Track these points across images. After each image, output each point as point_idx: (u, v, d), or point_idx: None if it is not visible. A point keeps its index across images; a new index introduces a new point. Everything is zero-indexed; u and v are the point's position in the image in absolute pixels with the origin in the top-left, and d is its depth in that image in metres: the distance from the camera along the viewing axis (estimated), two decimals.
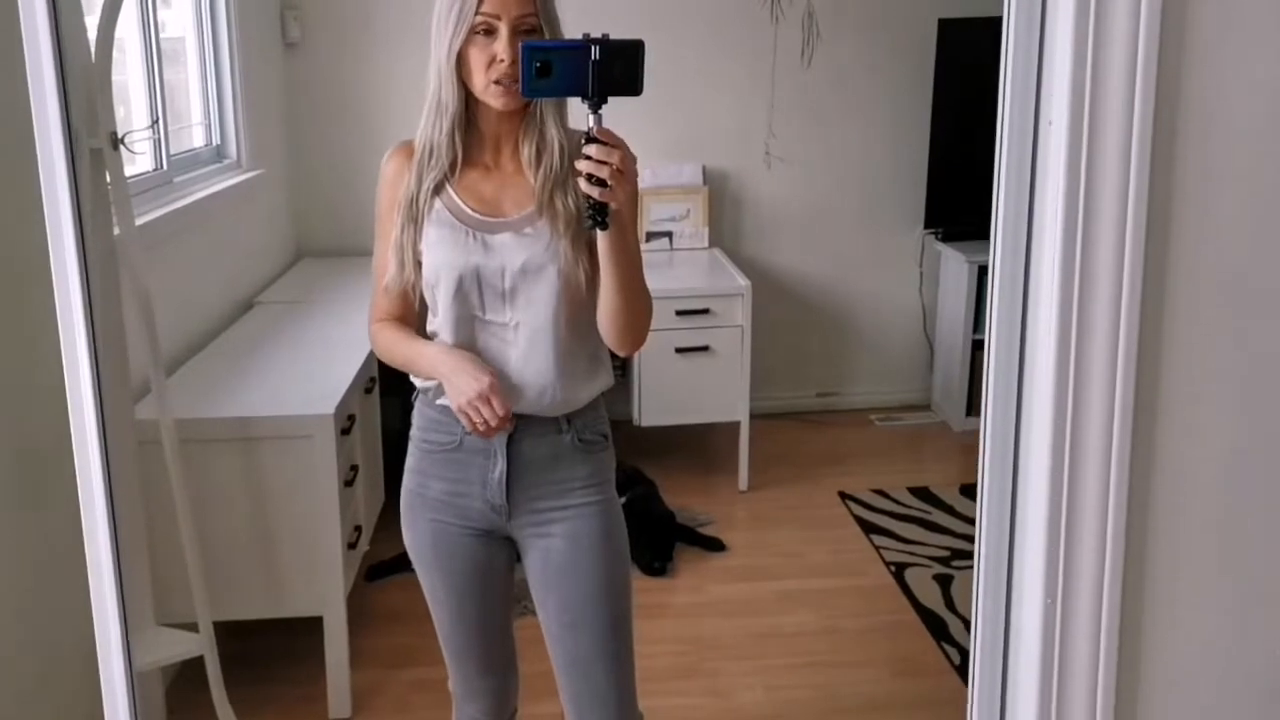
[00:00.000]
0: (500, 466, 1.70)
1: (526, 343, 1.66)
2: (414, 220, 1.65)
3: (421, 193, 1.65)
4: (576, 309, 1.67)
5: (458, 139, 1.63)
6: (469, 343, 1.69)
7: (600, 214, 1.49)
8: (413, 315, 1.75)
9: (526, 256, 1.63)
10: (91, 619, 1.70)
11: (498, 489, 1.71)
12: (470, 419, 1.63)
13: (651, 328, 1.71)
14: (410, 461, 1.80)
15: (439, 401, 1.72)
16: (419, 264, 1.67)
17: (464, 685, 1.88)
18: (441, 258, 1.64)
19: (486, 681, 1.87)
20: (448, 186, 1.66)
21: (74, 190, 1.49)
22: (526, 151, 1.64)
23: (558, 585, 1.74)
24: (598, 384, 1.74)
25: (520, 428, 1.69)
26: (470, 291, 1.65)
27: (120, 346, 2.15)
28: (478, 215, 1.65)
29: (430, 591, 1.83)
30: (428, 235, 1.65)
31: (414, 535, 1.80)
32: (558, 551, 1.73)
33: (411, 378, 1.78)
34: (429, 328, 1.74)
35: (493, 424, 1.62)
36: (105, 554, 1.68)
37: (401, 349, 1.74)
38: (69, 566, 2.00)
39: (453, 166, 1.65)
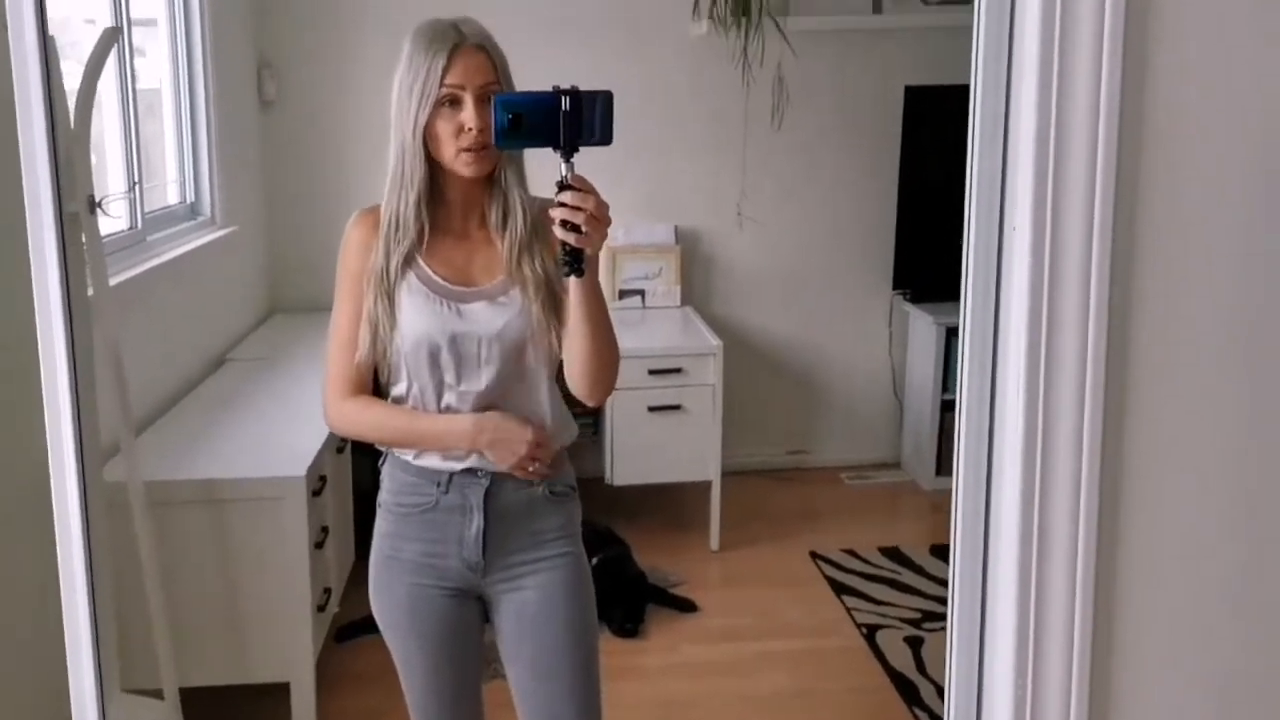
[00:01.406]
0: (477, 523, 1.71)
1: (502, 408, 1.69)
2: (387, 294, 1.67)
3: (391, 266, 1.67)
4: (548, 371, 1.72)
5: (424, 211, 1.66)
6: (437, 413, 1.71)
7: (576, 260, 1.51)
8: (371, 386, 1.75)
9: (502, 324, 1.67)
10: (52, 678, 1.68)
11: (474, 546, 1.72)
12: (525, 470, 1.70)
13: (624, 386, 1.74)
14: (382, 526, 1.79)
15: (417, 462, 1.72)
16: (392, 333, 1.68)
17: None
18: (418, 327, 1.66)
19: None
20: (418, 257, 1.68)
21: (62, 258, 1.50)
22: (493, 217, 1.68)
23: (532, 636, 1.75)
24: (566, 437, 1.78)
25: (495, 484, 1.71)
26: (445, 360, 1.67)
27: (91, 409, 2.13)
28: (449, 285, 1.68)
29: (404, 658, 1.81)
30: (401, 305, 1.67)
31: (388, 601, 1.79)
32: (531, 603, 1.75)
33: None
34: (393, 396, 1.74)
35: (544, 467, 1.71)
36: (84, 623, 1.67)
37: (402, 423, 1.72)
38: (35, 627, 1.97)
39: (420, 237, 1.67)
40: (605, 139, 1.48)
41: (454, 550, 1.73)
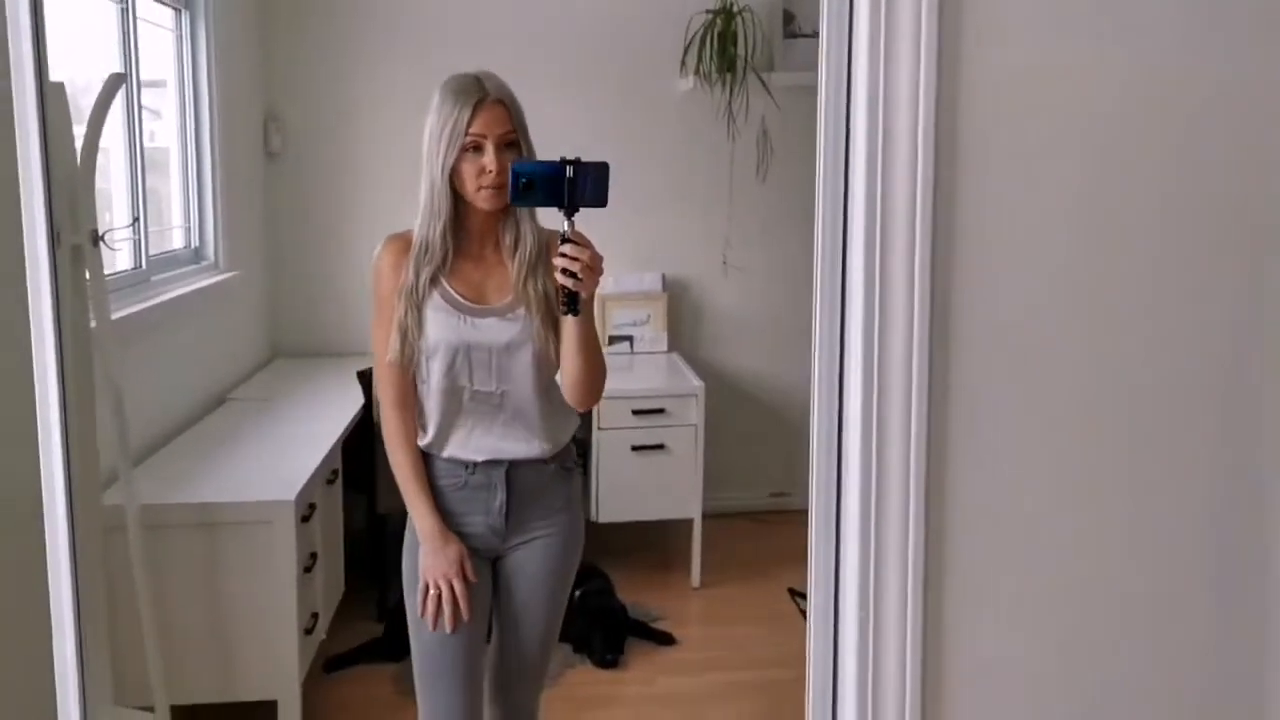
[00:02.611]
0: (500, 497, 2.03)
1: (513, 407, 2.00)
2: (415, 306, 1.96)
3: (420, 283, 1.96)
4: (549, 375, 2.02)
5: (449, 238, 1.95)
6: (456, 411, 2.00)
7: (573, 301, 1.81)
8: (409, 377, 2.02)
9: (510, 337, 1.96)
10: (36, 694, 1.79)
11: (498, 516, 2.04)
12: (429, 590, 1.98)
13: (609, 426, 2.06)
14: None
15: (444, 455, 2.03)
16: (419, 340, 1.96)
17: (430, 717, 2.04)
18: (439, 336, 1.96)
19: (455, 709, 2.02)
20: (441, 277, 1.97)
21: (54, 284, 1.63)
22: (506, 242, 1.98)
23: (527, 582, 2.08)
24: (571, 427, 2.11)
25: (513, 467, 2.03)
26: (461, 365, 1.97)
27: (91, 435, 2.26)
28: (467, 302, 1.98)
29: (419, 613, 2.02)
30: (426, 318, 1.96)
31: (416, 560, 2.03)
32: (534, 560, 2.07)
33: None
34: (420, 393, 2.02)
35: (446, 606, 1.97)
36: (69, 636, 1.79)
37: (408, 476, 2.02)
38: (28, 644, 2.08)
39: (445, 259, 1.96)
40: (601, 203, 1.78)
41: (481, 519, 2.04)
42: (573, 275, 1.78)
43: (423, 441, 2.04)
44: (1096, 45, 1.45)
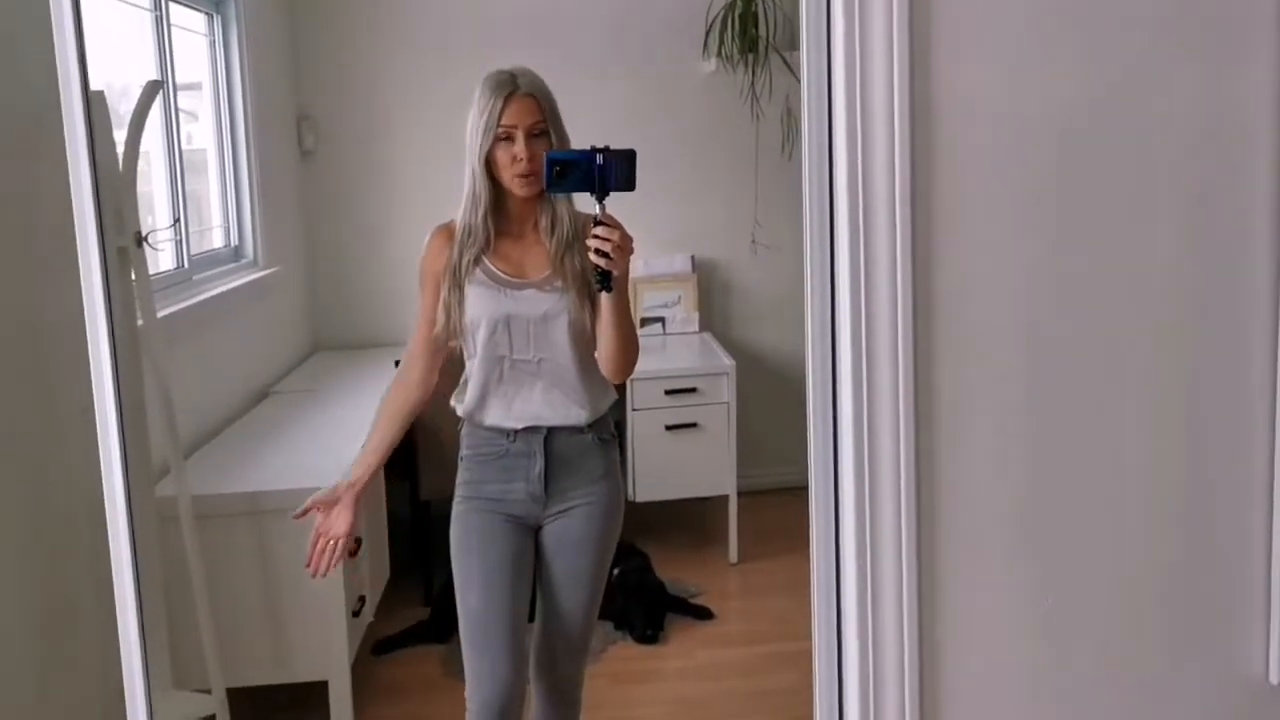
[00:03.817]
0: (540, 464, 2.14)
1: (550, 374, 2.12)
2: (458, 285, 2.11)
3: (464, 263, 2.11)
4: (585, 345, 2.13)
5: (490, 221, 2.09)
6: (498, 380, 2.13)
7: (606, 279, 1.95)
8: (439, 357, 2.21)
9: (546, 307, 2.09)
10: (103, 678, 1.88)
11: (538, 482, 2.15)
12: (314, 552, 2.17)
13: (643, 406, 2.36)
14: (463, 476, 2.21)
15: (486, 423, 2.15)
16: (462, 316, 2.11)
17: (476, 680, 2.13)
18: (480, 309, 2.10)
19: (500, 670, 2.11)
20: (484, 257, 2.11)
21: (106, 285, 1.71)
22: (544, 224, 2.11)
23: (569, 552, 2.19)
24: (607, 399, 2.22)
25: (551, 434, 2.15)
26: (501, 335, 2.10)
27: (142, 429, 2.35)
28: (507, 276, 2.12)
29: (465, 577, 2.16)
30: (469, 293, 2.10)
31: (463, 527, 2.18)
32: (574, 529, 2.18)
33: (456, 405, 2.20)
34: (468, 368, 2.17)
35: (321, 552, 2.17)
36: (132, 622, 1.88)
37: (380, 415, 2.26)
38: (87, 629, 2.18)
39: (487, 242, 2.11)
40: (629, 187, 1.91)
41: (522, 486, 2.15)
42: (605, 255, 1.91)
43: (467, 410, 2.16)
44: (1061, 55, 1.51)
